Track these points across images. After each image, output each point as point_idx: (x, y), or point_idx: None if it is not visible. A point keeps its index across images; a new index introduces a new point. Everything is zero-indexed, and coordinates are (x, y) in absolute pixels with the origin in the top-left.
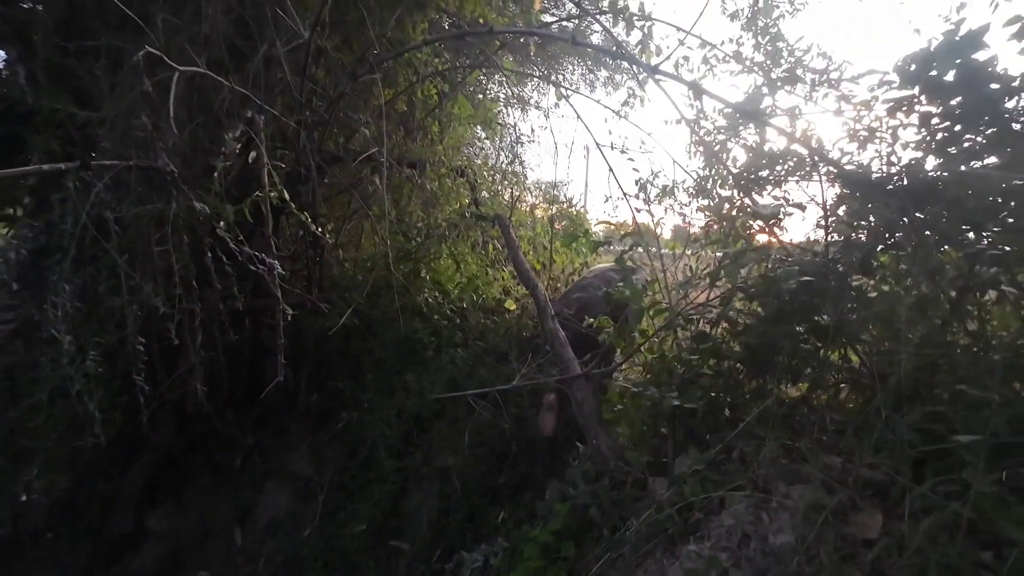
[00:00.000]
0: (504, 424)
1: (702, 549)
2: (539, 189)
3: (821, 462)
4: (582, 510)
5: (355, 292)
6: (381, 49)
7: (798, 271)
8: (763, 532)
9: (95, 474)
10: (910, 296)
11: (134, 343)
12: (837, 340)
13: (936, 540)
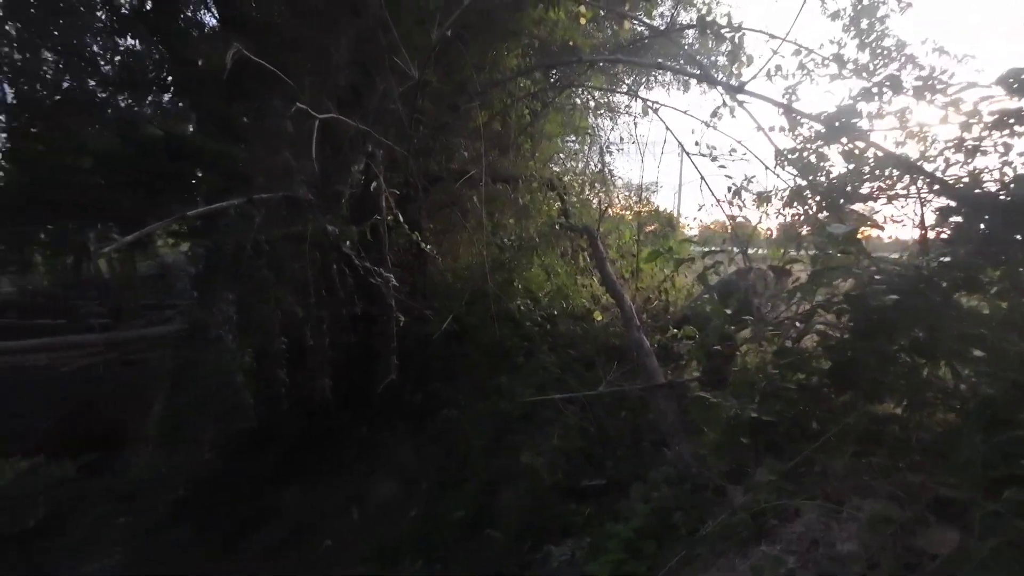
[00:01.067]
0: (591, 428)
1: (772, 551)
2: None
3: (899, 479)
4: (664, 511)
5: (454, 300)
6: (480, 78)
7: (890, 287)
8: (831, 539)
9: (241, 454)
10: (1016, 315)
11: (278, 344)
12: (934, 357)
13: (1001, 555)
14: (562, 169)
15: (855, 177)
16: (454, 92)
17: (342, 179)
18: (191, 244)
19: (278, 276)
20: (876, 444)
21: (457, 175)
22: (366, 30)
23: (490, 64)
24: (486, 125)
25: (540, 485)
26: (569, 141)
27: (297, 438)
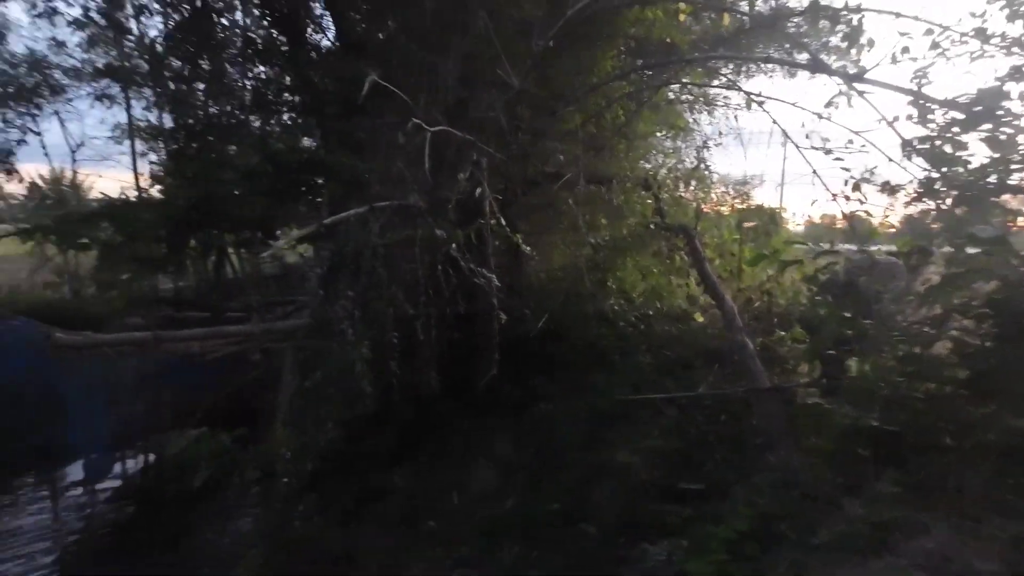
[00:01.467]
0: (690, 430)
1: (897, 564)
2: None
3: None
4: (768, 517)
5: (549, 299)
6: (578, 83)
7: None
8: (966, 558)
9: (359, 436)
10: None
11: (391, 338)
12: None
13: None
14: (656, 167)
15: (1002, 167)
16: (551, 98)
17: (449, 186)
18: (316, 247)
19: (391, 277)
20: (1020, 461)
21: (552, 178)
22: (471, 46)
23: (587, 68)
24: (581, 127)
25: (636, 483)
26: (664, 138)
27: (406, 424)
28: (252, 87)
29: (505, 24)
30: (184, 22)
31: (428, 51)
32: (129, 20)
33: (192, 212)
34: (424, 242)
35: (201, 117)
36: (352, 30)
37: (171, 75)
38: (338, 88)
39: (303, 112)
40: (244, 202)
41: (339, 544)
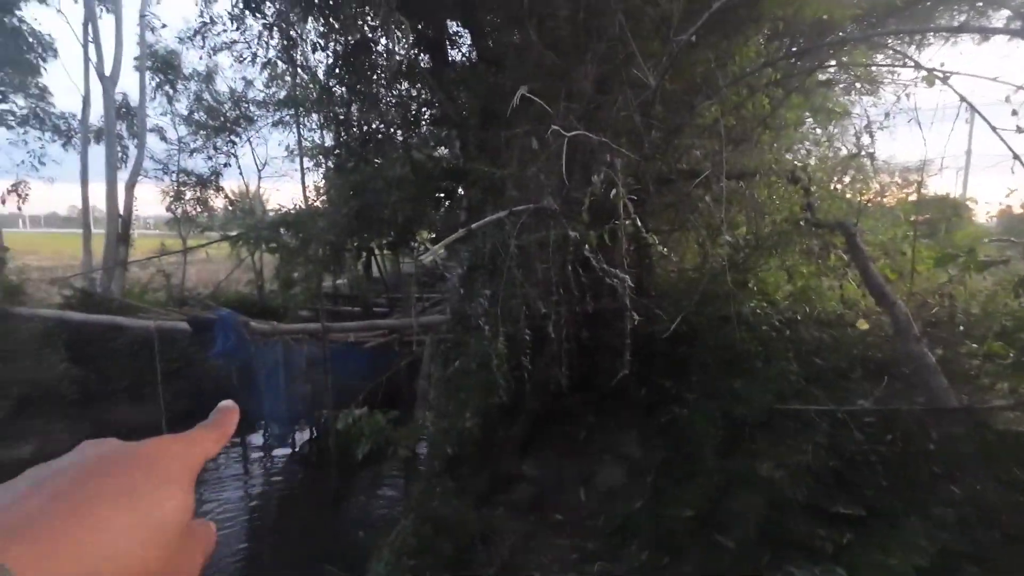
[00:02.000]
0: (846, 448)
1: None
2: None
3: None
4: (955, 555)
5: (681, 299)
6: (716, 75)
7: None
8: None
9: (493, 425)
10: None
11: (524, 334)
12: None
13: None
14: (806, 158)
15: None
16: (687, 93)
17: (583, 188)
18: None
19: (526, 277)
20: None
21: (687, 175)
22: (606, 49)
23: (727, 59)
24: (718, 121)
25: (780, 499)
26: (815, 126)
27: (536, 416)
28: (398, 104)
29: (643, 23)
30: (345, 53)
31: (562, 58)
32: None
33: (351, 219)
34: (557, 243)
35: (356, 135)
36: (487, 44)
37: (334, 100)
38: (475, 99)
39: (443, 124)
40: (391, 209)
41: (474, 525)
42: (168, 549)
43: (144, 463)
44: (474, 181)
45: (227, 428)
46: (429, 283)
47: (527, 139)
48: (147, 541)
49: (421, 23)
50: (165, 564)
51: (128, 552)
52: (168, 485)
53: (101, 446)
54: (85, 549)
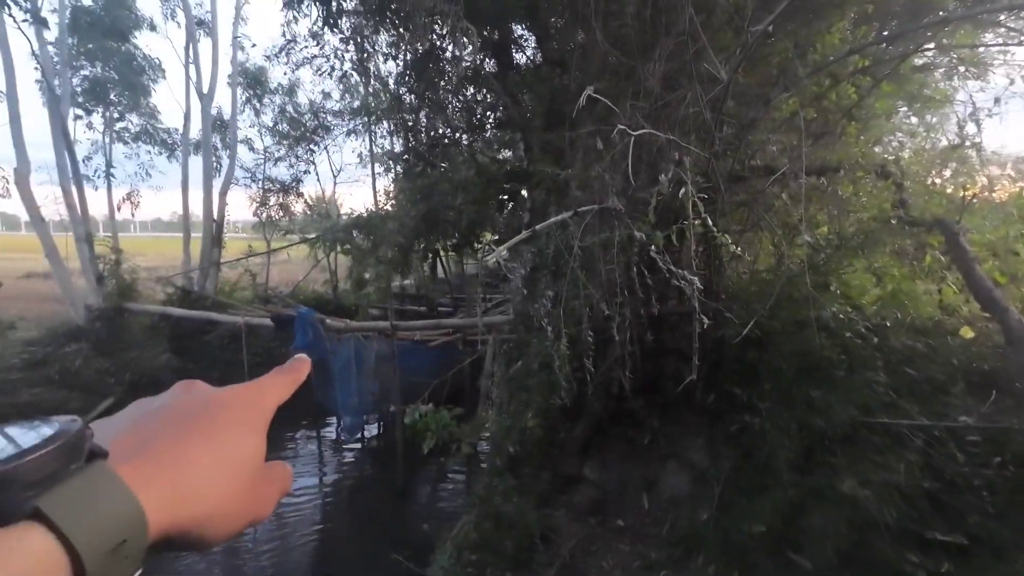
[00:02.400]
0: (946, 469)
1: None
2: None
3: None
4: None
5: (753, 302)
6: (795, 65)
7: None
8: None
9: (555, 425)
10: None
11: (586, 335)
12: None
13: None
14: (898, 151)
15: None
16: (763, 85)
17: (649, 188)
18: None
19: (588, 278)
20: None
21: (761, 171)
22: (674, 45)
23: (808, 47)
24: (797, 114)
25: (865, 521)
26: (909, 115)
27: (598, 419)
28: (463, 109)
29: (714, 15)
30: (414, 62)
31: (628, 56)
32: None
33: (419, 222)
34: (622, 244)
35: (424, 140)
36: (552, 45)
37: (403, 107)
38: (539, 101)
39: (507, 127)
40: (456, 211)
41: (535, 524)
42: (244, 486)
43: (224, 411)
44: (538, 183)
45: (297, 375)
46: (492, 284)
47: (591, 139)
48: (226, 478)
49: (487, 29)
50: (241, 499)
51: (211, 486)
52: (243, 431)
53: (191, 390)
54: (179, 480)
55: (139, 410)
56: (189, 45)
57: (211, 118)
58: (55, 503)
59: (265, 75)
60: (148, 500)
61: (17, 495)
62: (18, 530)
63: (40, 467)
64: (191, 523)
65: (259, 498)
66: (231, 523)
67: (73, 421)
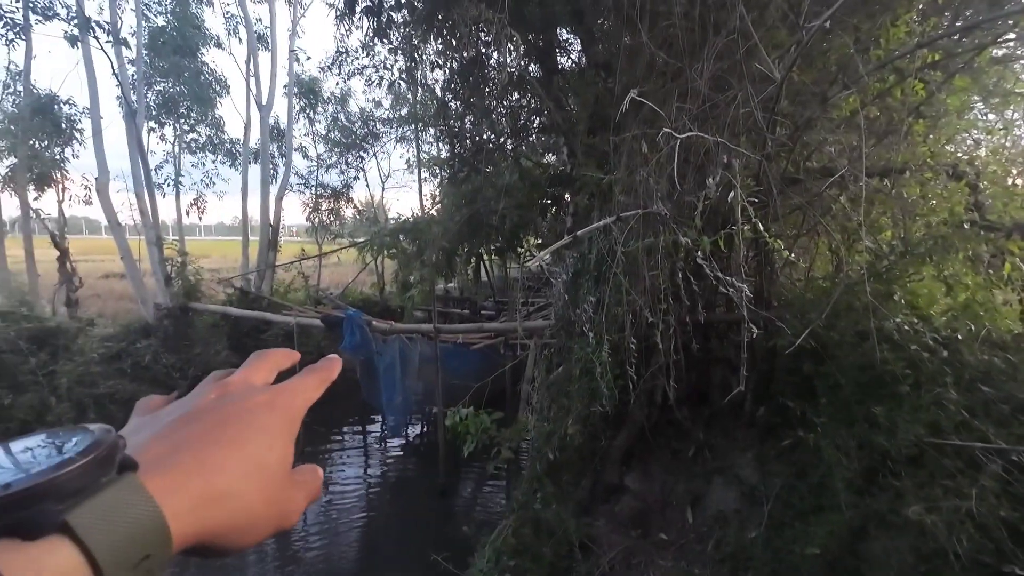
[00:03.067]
0: None
1: None
2: None
3: None
4: None
5: (808, 311)
6: (856, 61)
7: None
8: None
9: (595, 434)
10: None
11: (629, 342)
12: None
13: None
14: (973, 150)
15: None
16: (820, 83)
17: (697, 192)
18: (560, 254)
19: (632, 283)
20: None
21: (819, 174)
22: (724, 44)
23: (870, 42)
24: (857, 112)
25: (932, 549)
26: (986, 112)
27: (641, 427)
28: (508, 114)
29: (767, 12)
30: (460, 69)
31: (676, 57)
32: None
33: (463, 227)
34: (667, 249)
35: (469, 146)
36: (597, 49)
37: (449, 114)
38: (584, 105)
39: (551, 131)
40: (500, 216)
41: (574, 532)
42: (271, 493)
43: (254, 416)
44: (581, 187)
45: (327, 374)
46: (535, 288)
47: (636, 143)
48: (254, 487)
49: (531, 34)
50: (268, 507)
51: (238, 495)
52: (272, 438)
53: (224, 391)
54: (206, 489)
55: (169, 414)
56: (250, 60)
57: (269, 128)
58: (84, 518)
59: (319, 86)
60: (175, 510)
61: (50, 508)
62: (47, 544)
63: (74, 479)
64: (217, 532)
65: (286, 504)
66: (257, 531)
67: (108, 431)
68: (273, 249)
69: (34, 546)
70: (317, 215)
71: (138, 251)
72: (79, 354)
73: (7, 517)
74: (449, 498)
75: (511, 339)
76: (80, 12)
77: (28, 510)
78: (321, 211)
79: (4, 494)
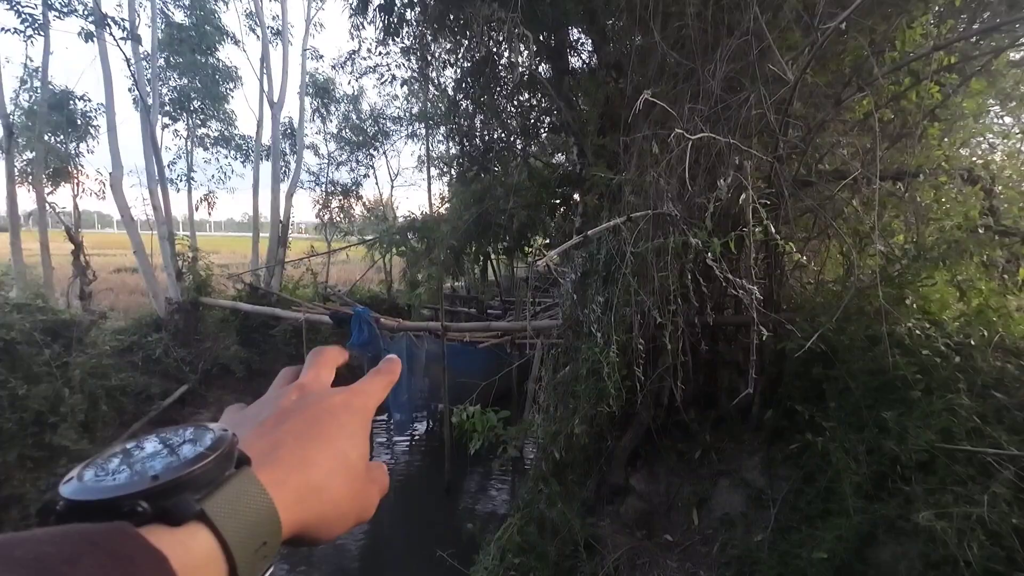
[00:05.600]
0: None
1: None
2: None
3: None
4: None
5: (820, 315)
6: (870, 63)
7: None
8: None
9: (603, 434)
10: None
11: (636, 342)
12: None
13: None
14: (988, 154)
15: None
16: (834, 85)
17: (707, 193)
18: (569, 254)
19: (640, 284)
20: None
21: (831, 176)
22: (737, 45)
23: (885, 44)
24: (871, 115)
25: (942, 557)
26: (1002, 115)
27: (647, 428)
28: (518, 113)
29: (781, 13)
30: (472, 68)
31: (688, 58)
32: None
33: (471, 225)
34: (676, 251)
35: (479, 145)
36: (609, 49)
37: (459, 112)
38: (594, 105)
39: (561, 131)
40: (508, 215)
41: (579, 532)
42: (355, 487)
43: (338, 417)
44: (590, 187)
45: (392, 376)
46: (542, 288)
47: (647, 144)
48: (342, 481)
49: (543, 34)
50: (353, 499)
51: (330, 488)
52: (354, 435)
53: (303, 393)
54: (304, 483)
55: (259, 414)
56: (263, 57)
57: (281, 125)
58: (217, 507)
59: (332, 84)
60: (282, 502)
61: (188, 498)
62: (189, 530)
63: (207, 473)
64: (311, 523)
65: (366, 498)
66: (343, 522)
67: (225, 430)
68: (283, 246)
69: (180, 531)
70: (327, 212)
71: (150, 246)
72: (92, 346)
73: (155, 505)
74: (454, 495)
75: (518, 338)
76: (97, 8)
77: (171, 499)
78: (331, 208)
79: (153, 485)
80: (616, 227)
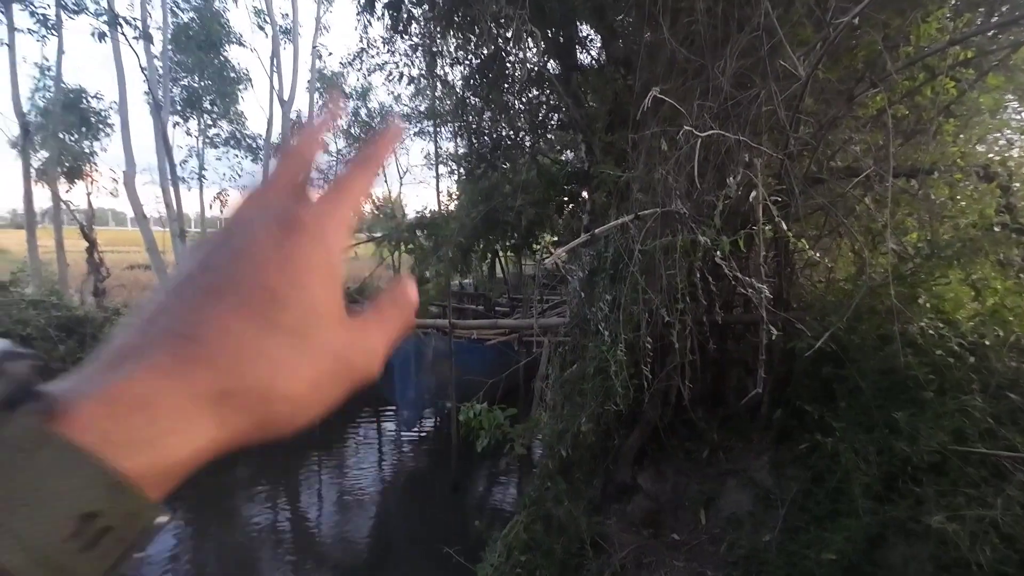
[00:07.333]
0: None
1: None
2: None
3: None
4: None
5: (830, 314)
6: (884, 58)
7: None
8: None
9: (610, 432)
10: None
11: (644, 341)
12: None
13: None
14: (1005, 150)
15: None
16: (846, 80)
17: (716, 191)
18: (577, 251)
19: (648, 283)
20: None
21: (843, 173)
22: (747, 41)
23: (900, 39)
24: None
25: (953, 559)
26: (1019, 111)
27: (654, 427)
28: (526, 110)
29: (792, 8)
30: (480, 65)
31: (697, 54)
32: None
33: (479, 223)
34: (685, 249)
35: (487, 142)
36: (618, 45)
37: (468, 110)
38: (603, 102)
39: (569, 128)
40: (516, 213)
41: (585, 530)
42: (322, 366)
43: (291, 268)
44: (598, 185)
45: (376, 162)
46: (550, 285)
47: (656, 141)
48: (305, 361)
49: (551, 30)
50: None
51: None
52: (317, 290)
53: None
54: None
55: (192, 280)
56: (273, 56)
57: (290, 123)
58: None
59: (342, 81)
60: (187, 419)
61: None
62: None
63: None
64: (253, 430)
65: (353, 356)
66: (305, 413)
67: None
68: None
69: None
70: None
71: (162, 243)
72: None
73: None
74: (461, 492)
75: (525, 336)
76: (110, 8)
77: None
78: None
79: None
80: (624, 225)
